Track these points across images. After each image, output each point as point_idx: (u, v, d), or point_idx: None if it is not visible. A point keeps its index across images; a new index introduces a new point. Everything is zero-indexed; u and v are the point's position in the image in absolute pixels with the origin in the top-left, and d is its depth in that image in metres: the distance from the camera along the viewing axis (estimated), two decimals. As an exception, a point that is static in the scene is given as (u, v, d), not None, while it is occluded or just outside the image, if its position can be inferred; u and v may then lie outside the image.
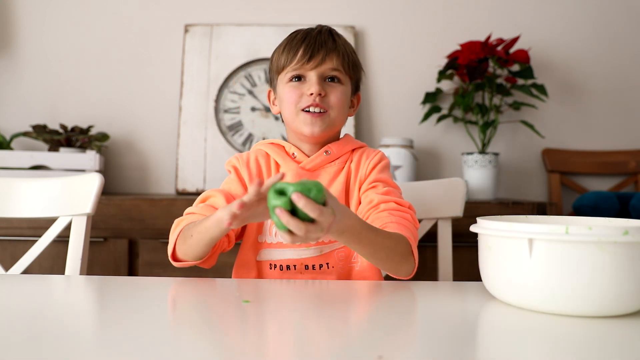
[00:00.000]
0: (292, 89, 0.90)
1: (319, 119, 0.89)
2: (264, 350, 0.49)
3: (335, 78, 0.91)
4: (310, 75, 0.90)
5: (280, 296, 0.73)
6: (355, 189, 0.92)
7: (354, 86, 0.97)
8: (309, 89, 0.89)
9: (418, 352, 0.49)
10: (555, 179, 1.86)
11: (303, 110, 0.89)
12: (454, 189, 1.18)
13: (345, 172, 0.93)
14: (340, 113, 0.92)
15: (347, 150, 0.95)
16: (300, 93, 0.90)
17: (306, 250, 0.89)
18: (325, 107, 0.89)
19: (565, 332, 0.55)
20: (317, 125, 0.89)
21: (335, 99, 0.90)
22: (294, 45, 0.91)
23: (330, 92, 0.90)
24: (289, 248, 0.89)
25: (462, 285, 0.80)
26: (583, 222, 0.75)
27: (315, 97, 0.88)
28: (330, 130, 0.92)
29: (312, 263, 0.89)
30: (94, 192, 1.06)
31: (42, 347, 0.49)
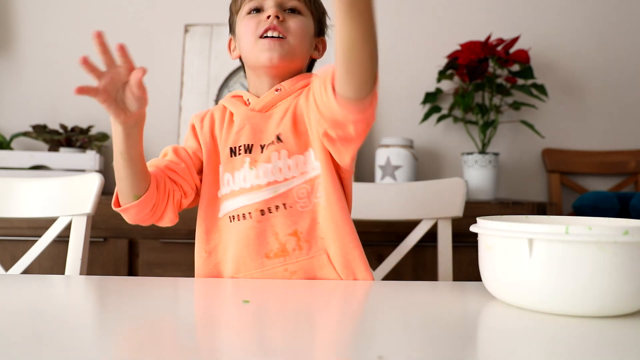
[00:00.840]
0: (249, 19, 0.87)
1: (277, 44, 0.84)
2: (264, 351, 0.49)
3: (294, 9, 0.88)
4: (268, 3, 0.87)
5: (280, 296, 0.73)
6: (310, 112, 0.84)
7: (317, 26, 0.92)
8: (266, 13, 0.86)
9: (418, 352, 0.49)
10: (555, 179, 1.86)
11: (261, 37, 0.85)
12: (454, 189, 1.18)
13: (292, 106, 0.87)
14: (301, 41, 0.87)
15: (300, 87, 0.89)
16: (258, 21, 0.86)
17: (259, 193, 0.84)
18: (284, 32, 0.85)
19: (565, 332, 0.55)
20: (276, 51, 0.84)
21: (294, 24, 0.86)
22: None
23: (289, 19, 0.86)
24: (243, 194, 0.85)
25: (462, 285, 0.80)
26: (583, 222, 0.74)
27: (272, 20, 0.84)
28: (290, 60, 0.86)
29: (268, 206, 0.83)
30: (94, 192, 1.06)
31: (42, 347, 0.49)
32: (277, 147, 0.84)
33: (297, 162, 0.84)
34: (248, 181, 0.85)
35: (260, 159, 0.85)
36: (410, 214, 1.21)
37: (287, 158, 0.84)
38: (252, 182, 0.84)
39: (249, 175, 0.85)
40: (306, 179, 0.84)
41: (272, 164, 0.84)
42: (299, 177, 0.84)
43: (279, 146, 0.84)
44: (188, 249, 1.43)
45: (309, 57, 0.93)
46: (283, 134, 0.85)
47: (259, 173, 0.84)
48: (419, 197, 1.21)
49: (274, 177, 0.84)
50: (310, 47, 0.91)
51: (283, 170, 0.84)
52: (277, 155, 0.84)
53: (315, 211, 0.84)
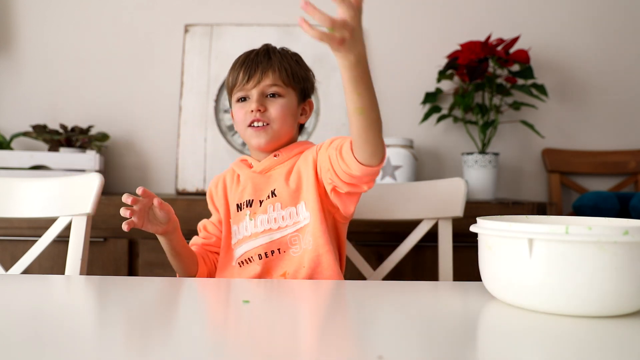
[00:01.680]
0: (239, 109, 1.01)
1: (262, 132, 0.98)
2: (264, 351, 0.49)
3: (275, 94, 1.00)
4: (252, 94, 0.99)
5: (280, 296, 0.73)
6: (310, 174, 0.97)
7: (301, 95, 1.04)
8: (250, 106, 0.98)
9: (418, 352, 0.49)
10: (555, 179, 1.86)
11: (249, 126, 0.99)
12: (454, 189, 1.18)
13: (296, 169, 1.00)
14: (284, 124, 0.99)
15: (296, 153, 1.02)
16: (245, 112, 0.99)
17: (257, 239, 0.98)
18: (267, 120, 0.98)
19: (565, 332, 0.55)
20: (262, 137, 0.98)
21: (275, 112, 0.98)
22: (236, 68, 1.02)
23: (270, 106, 0.99)
24: (244, 242, 0.99)
25: (462, 285, 0.80)
26: (583, 222, 0.74)
27: (255, 113, 0.98)
28: (276, 140, 1.00)
29: (265, 250, 0.97)
30: (94, 192, 1.06)
31: (42, 347, 0.49)
32: (272, 200, 0.98)
33: (291, 213, 0.97)
34: (249, 230, 0.99)
35: (259, 211, 0.99)
36: (410, 214, 1.21)
37: (281, 209, 0.97)
38: (252, 231, 0.99)
39: (249, 225, 0.99)
40: (297, 227, 0.96)
41: (268, 214, 0.97)
42: (292, 226, 0.96)
43: (274, 199, 0.97)
44: (188, 249, 1.43)
45: (297, 124, 1.05)
46: (277, 189, 0.99)
47: (257, 222, 0.98)
48: (420, 197, 1.21)
49: (269, 226, 0.97)
50: (295, 119, 1.04)
51: (277, 220, 0.97)
52: (272, 207, 0.97)
53: (303, 257, 0.96)
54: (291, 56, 1.04)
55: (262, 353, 0.48)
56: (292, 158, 1.01)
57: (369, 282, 0.83)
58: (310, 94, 1.07)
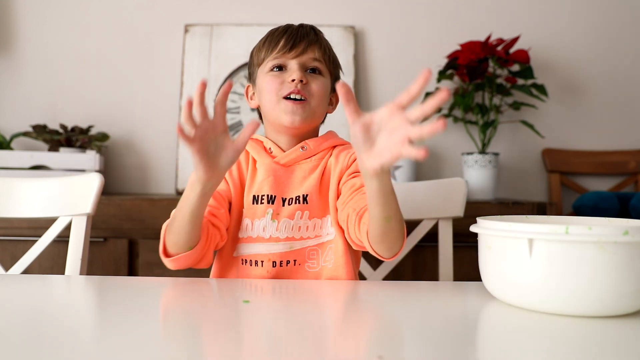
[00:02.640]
0: (273, 77, 0.89)
1: (299, 107, 0.88)
2: (264, 351, 0.49)
3: (316, 69, 0.91)
4: (292, 64, 0.89)
5: (280, 296, 0.73)
6: (334, 182, 0.90)
7: (333, 83, 0.95)
8: (291, 76, 0.88)
9: (418, 352, 0.49)
10: (555, 179, 1.86)
11: (284, 97, 0.88)
12: (455, 189, 1.18)
13: (321, 168, 0.91)
14: (321, 104, 0.91)
15: (325, 147, 0.93)
16: (282, 81, 0.89)
17: (276, 245, 0.88)
18: (307, 95, 0.88)
19: (565, 332, 0.55)
20: (298, 114, 0.88)
21: (316, 87, 0.89)
22: (275, 37, 0.91)
23: (312, 81, 0.90)
24: (260, 242, 0.88)
25: (462, 285, 0.80)
26: (583, 222, 0.75)
27: (297, 84, 0.88)
28: (310, 122, 0.91)
29: (280, 259, 0.88)
30: (94, 192, 1.06)
31: (42, 347, 0.49)
32: (302, 206, 0.89)
33: (315, 224, 0.90)
34: (268, 232, 0.88)
35: (283, 213, 0.89)
36: (410, 214, 1.21)
37: (308, 219, 0.89)
38: (272, 234, 0.88)
39: (269, 226, 0.88)
40: (319, 242, 0.89)
41: (294, 221, 0.88)
42: (314, 239, 0.89)
43: (304, 206, 0.89)
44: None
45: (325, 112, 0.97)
46: (310, 195, 0.89)
47: (281, 226, 0.88)
48: (420, 197, 1.21)
49: (293, 234, 0.88)
50: (327, 105, 0.95)
51: (302, 229, 0.89)
52: (301, 214, 0.89)
53: (320, 274, 0.89)
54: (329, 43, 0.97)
55: (262, 353, 0.48)
56: (321, 153, 0.93)
57: (368, 282, 0.83)
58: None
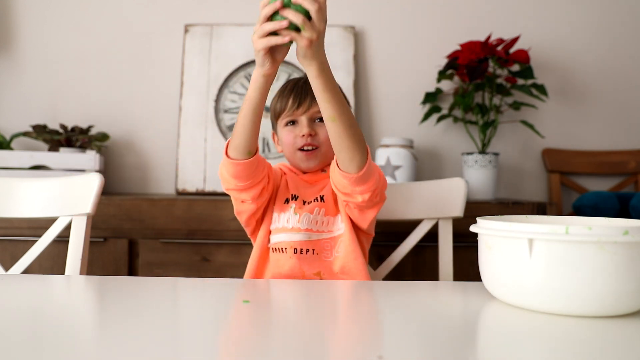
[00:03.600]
0: (288, 132, 1.06)
1: (312, 155, 1.05)
2: (264, 351, 0.49)
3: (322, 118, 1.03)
4: (302, 120, 1.05)
5: (280, 296, 0.73)
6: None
7: None
8: (301, 131, 1.04)
9: (418, 352, 0.49)
10: (555, 179, 1.86)
11: (299, 149, 1.05)
12: (455, 189, 1.18)
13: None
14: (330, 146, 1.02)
15: None
16: (295, 135, 1.05)
17: (297, 234, 1.02)
18: (317, 144, 1.05)
19: (565, 332, 0.55)
20: (312, 161, 1.06)
21: (324, 136, 1.04)
22: (285, 95, 1.07)
23: (320, 131, 1.05)
24: (284, 232, 1.02)
25: (462, 285, 0.80)
26: (583, 222, 0.74)
27: (307, 138, 1.04)
28: (323, 163, 1.08)
29: (301, 247, 1.01)
30: (94, 192, 1.06)
31: (42, 347, 0.49)
32: (319, 204, 1.04)
33: (329, 221, 1.03)
34: (291, 222, 1.03)
35: (304, 208, 1.04)
36: (410, 214, 1.21)
37: (324, 215, 1.03)
38: (294, 224, 1.02)
39: (292, 218, 1.03)
40: (331, 236, 1.03)
41: (313, 215, 1.03)
42: (327, 233, 1.03)
43: (321, 204, 1.04)
44: (188, 249, 1.43)
45: None
46: (325, 196, 1.05)
47: (302, 219, 1.02)
48: (420, 197, 1.21)
49: (311, 226, 1.02)
50: None
51: (318, 223, 1.03)
52: (318, 210, 1.03)
53: (334, 263, 1.02)
54: None
55: (262, 353, 0.48)
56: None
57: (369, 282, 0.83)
58: None
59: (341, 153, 0.89)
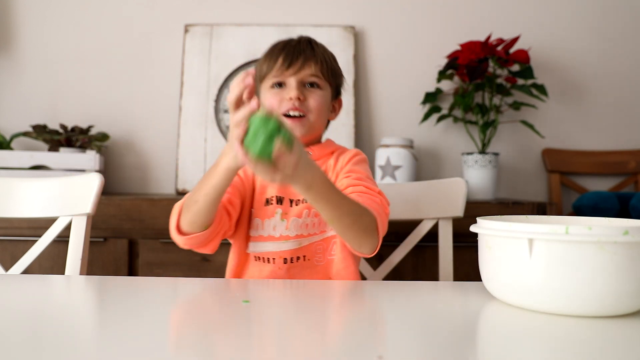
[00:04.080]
0: (273, 95, 0.95)
1: (298, 123, 0.93)
2: (264, 351, 0.49)
3: (314, 84, 0.96)
4: (290, 81, 0.94)
5: (280, 296, 0.73)
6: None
7: (335, 91, 1.01)
8: (289, 94, 0.93)
9: (418, 352, 0.49)
10: (555, 179, 1.86)
11: (284, 114, 0.93)
12: (455, 189, 1.18)
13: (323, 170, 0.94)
14: (320, 117, 0.96)
15: (327, 152, 0.99)
16: (281, 98, 0.94)
17: (285, 243, 0.93)
18: (304, 110, 0.93)
19: (565, 332, 0.55)
20: (297, 130, 0.93)
21: (314, 102, 0.94)
22: (275, 54, 0.96)
23: (309, 97, 0.94)
24: (271, 241, 0.94)
25: (462, 285, 0.80)
26: (583, 222, 0.74)
27: (294, 101, 0.92)
28: (310, 135, 0.96)
29: (291, 256, 0.93)
30: (94, 192, 1.06)
31: (42, 347, 0.49)
32: (309, 205, 0.93)
33: (321, 221, 0.94)
34: (278, 231, 0.94)
35: (292, 213, 0.94)
36: (410, 214, 1.21)
37: (315, 217, 0.94)
38: (282, 232, 0.93)
39: (279, 226, 0.94)
40: (323, 237, 0.95)
41: (302, 219, 0.94)
42: (319, 234, 0.95)
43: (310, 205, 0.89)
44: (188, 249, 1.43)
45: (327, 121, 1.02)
46: None
47: (290, 225, 0.93)
48: (420, 197, 1.21)
49: (301, 231, 0.93)
50: (328, 114, 1.00)
51: (309, 226, 0.94)
52: (308, 212, 0.94)
53: (329, 266, 0.95)
54: (330, 52, 1.01)
55: (262, 353, 0.48)
56: (323, 158, 0.99)
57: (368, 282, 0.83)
58: (340, 92, 1.05)
59: (348, 242, 0.84)
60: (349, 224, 0.80)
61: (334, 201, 0.77)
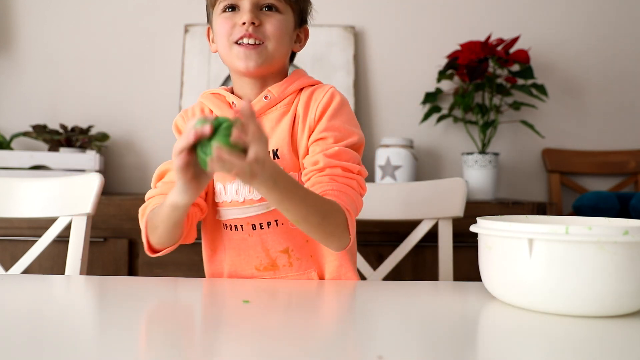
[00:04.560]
0: (224, 20, 0.83)
1: (254, 52, 0.81)
2: (264, 351, 0.49)
3: (272, 7, 0.83)
4: (244, 3, 0.82)
5: (280, 296, 0.73)
6: (304, 137, 0.84)
7: (298, 18, 0.88)
8: (241, 18, 0.81)
9: (418, 352, 0.49)
10: (555, 179, 1.86)
11: (236, 42, 0.82)
12: (455, 189, 1.18)
13: (290, 115, 0.85)
14: (280, 44, 0.84)
15: (291, 91, 0.86)
16: (233, 24, 0.82)
17: (250, 208, 0.84)
18: (261, 37, 0.82)
19: (565, 332, 0.55)
20: (252, 59, 0.82)
21: (271, 27, 0.82)
22: None
23: (266, 21, 0.82)
24: (235, 207, 0.85)
25: (462, 285, 0.80)
26: (583, 222, 0.74)
27: (248, 27, 0.80)
28: (269, 65, 0.84)
29: (260, 221, 0.84)
30: (94, 192, 1.06)
31: (42, 347, 0.49)
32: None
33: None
34: (241, 194, 0.84)
35: None
36: (410, 214, 1.21)
37: None
38: (245, 196, 0.84)
39: (241, 189, 0.84)
40: None
41: None
42: None
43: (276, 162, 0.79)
44: (188, 249, 1.43)
45: (290, 52, 0.90)
46: (280, 149, 0.83)
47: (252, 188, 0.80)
48: (420, 197, 1.21)
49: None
50: (290, 43, 0.88)
51: None
52: None
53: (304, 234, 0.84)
54: None
55: (261, 353, 0.48)
56: (287, 98, 0.86)
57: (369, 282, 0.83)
58: (306, 19, 0.92)
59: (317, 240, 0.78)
60: (316, 224, 0.73)
61: (299, 200, 0.70)
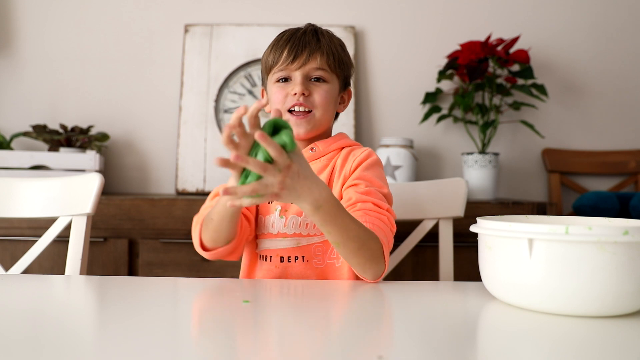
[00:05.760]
0: (278, 89, 0.93)
1: (304, 120, 0.91)
2: (264, 351, 0.49)
3: (320, 78, 0.93)
4: (295, 76, 0.92)
5: (280, 296, 0.73)
6: (337, 186, 0.92)
7: (343, 83, 0.98)
8: (293, 89, 0.91)
9: (418, 352, 0.49)
10: (555, 179, 1.86)
11: (289, 110, 0.92)
12: (455, 189, 1.18)
13: (329, 169, 0.94)
14: (326, 112, 0.93)
15: (334, 148, 0.96)
16: (286, 93, 0.92)
17: (283, 241, 0.91)
18: (310, 106, 0.92)
19: (565, 332, 0.55)
20: (302, 127, 0.92)
21: (319, 98, 0.92)
22: (280, 46, 0.93)
23: (315, 92, 0.92)
24: (269, 238, 0.92)
25: (462, 285, 0.80)
26: (583, 222, 0.74)
27: (299, 97, 0.90)
28: (316, 130, 0.94)
29: (288, 254, 0.90)
30: (94, 192, 1.06)
31: (42, 347, 0.49)
32: None
33: None
34: (276, 227, 0.92)
35: (291, 209, 0.91)
36: (411, 214, 1.21)
37: None
38: (280, 229, 0.91)
39: (277, 222, 0.91)
40: (323, 239, 0.90)
41: (302, 218, 0.90)
42: (319, 235, 0.91)
43: None
44: (188, 249, 1.43)
45: (335, 113, 0.99)
46: None
47: (288, 222, 0.90)
48: (420, 197, 1.21)
49: (300, 230, 0.90)
50: (335, 107, 0.97)
51: (309, 226, 0.90)
52: None
53: (328, 270, 0.91)
54: (337, 41, 0.97)
55: (261, 353, 0.48)
56: (330, 153, 0.95)
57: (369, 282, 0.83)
58: (349, 83, 1.01)
59: (354, 267, 0.80)
60: (355, 250, 0.77)
61: (341, 224, 0.74)
